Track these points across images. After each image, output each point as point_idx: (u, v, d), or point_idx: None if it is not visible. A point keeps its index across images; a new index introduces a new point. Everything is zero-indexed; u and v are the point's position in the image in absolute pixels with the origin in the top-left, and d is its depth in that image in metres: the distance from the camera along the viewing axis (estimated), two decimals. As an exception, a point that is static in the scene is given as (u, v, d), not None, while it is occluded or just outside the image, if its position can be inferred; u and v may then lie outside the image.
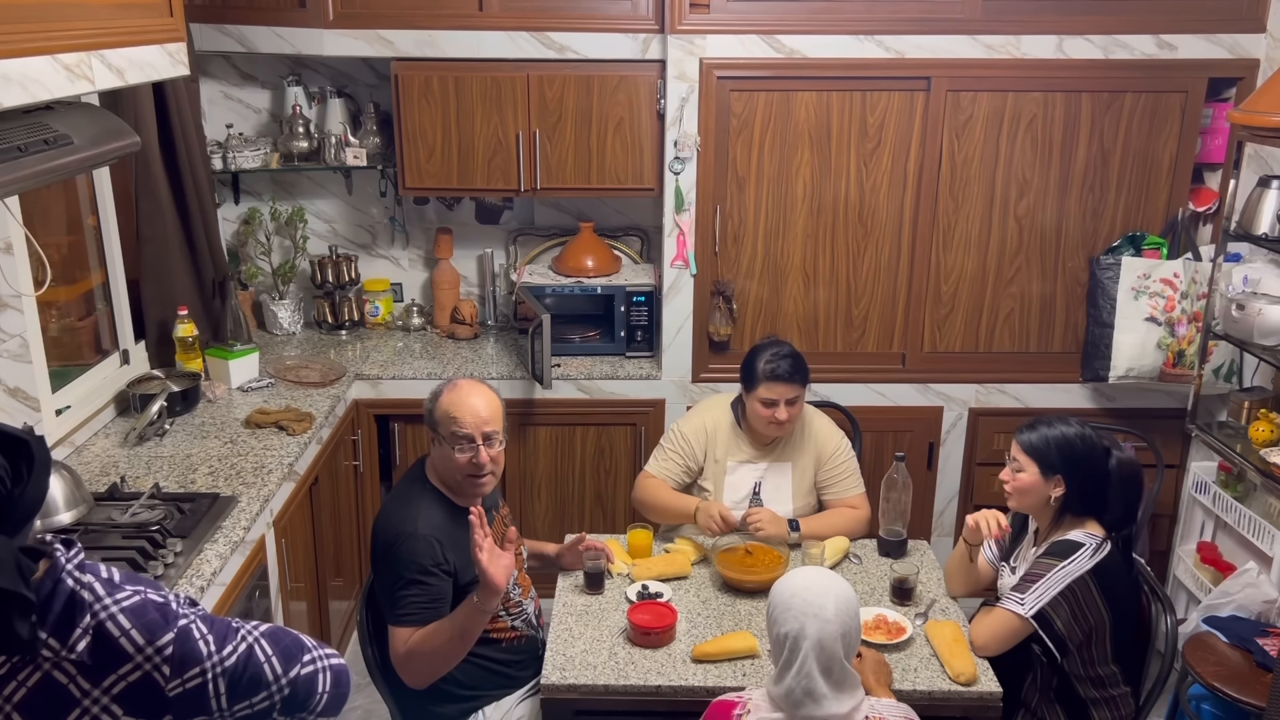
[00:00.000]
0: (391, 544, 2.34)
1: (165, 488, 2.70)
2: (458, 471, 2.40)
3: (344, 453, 3.55)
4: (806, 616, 1.90)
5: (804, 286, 3.63)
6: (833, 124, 3.45)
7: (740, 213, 3.54)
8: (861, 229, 3.56)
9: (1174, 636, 2.48)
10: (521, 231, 4.14)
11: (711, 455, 3.00)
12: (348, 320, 4.07)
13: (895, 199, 3.53)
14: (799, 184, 3.51)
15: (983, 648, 2.39)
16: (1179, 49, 3.38)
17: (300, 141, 3.82)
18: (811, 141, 3.47)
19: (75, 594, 1.33)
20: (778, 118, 3.44)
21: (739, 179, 3.51)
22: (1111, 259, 3.47)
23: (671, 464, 3.02)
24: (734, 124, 3.45)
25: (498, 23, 3.47)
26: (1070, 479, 2.42)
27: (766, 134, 3.46)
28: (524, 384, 3.64)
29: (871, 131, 3.46)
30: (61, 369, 3.02)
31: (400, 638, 2.33)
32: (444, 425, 2.40)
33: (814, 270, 3.60)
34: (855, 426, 3.63)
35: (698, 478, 3.03)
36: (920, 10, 3.35)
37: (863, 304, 3.65)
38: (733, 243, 3.58)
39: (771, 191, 3.52)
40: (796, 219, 3.55)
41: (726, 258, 3.59)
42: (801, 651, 1.89)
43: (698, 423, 3.03)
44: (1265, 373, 3.41)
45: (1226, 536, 3.44)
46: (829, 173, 3.50)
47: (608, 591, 2.67)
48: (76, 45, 2.08)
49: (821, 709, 1.89)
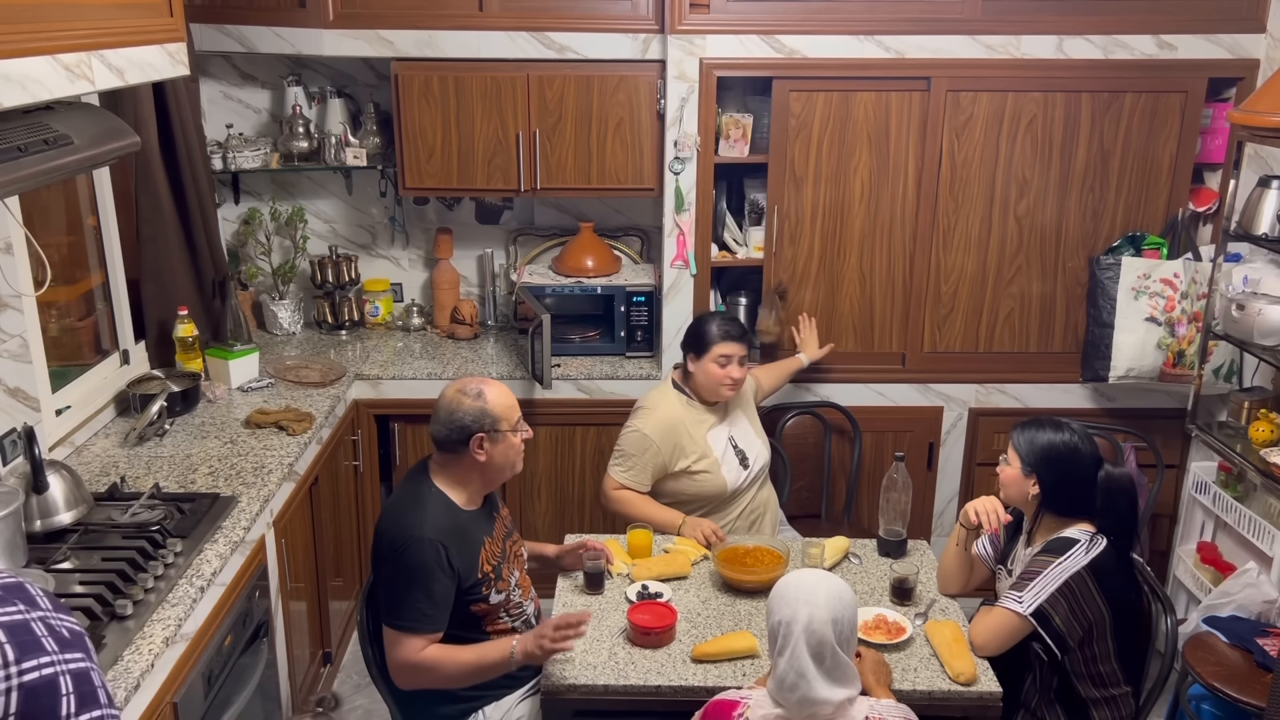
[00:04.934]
0: (397, 547, 2.33)
1: (165, 488, 2.70)
2: (517, 457, 2.49)
3: (344, 453, 3.55)
4: (798, 603, 1.93)
5: (859, 287, 3.63)
6: (891, 123, 3.46)
7: (797, 213, 3.54)
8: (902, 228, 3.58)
9: (1174, 636, 2.48)
10: (521, 231, 4.14)
11: (684, 442, 3.03)
12: (348, 320, 4.07)
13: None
14: (857, 183, 3.52)
15: (982, 647, 2.39)
16: (1179, 49, 3.38)
17: (300, 141, 3.82)
18: (870, 141, 3.47)
19: None
20: (836, 118, 3.44)
21: (796, 179, 3.50)
22: (1111, 259, 3.47)
23: (643, 472, 3.04)
24: (792, 124, 3.44)
25: (498, 23, 3.47)
26: (1044, 481, 2.45)
27: (825, 134, 3.46)
28: (524, 384, 3.64)
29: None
30: (61, 369, 3.02)
31: (410, 648, 2.33)
32: (506, 419, 2.44)
33: (870, 270, 3.61)
34: (855, 426, 3.64)
35: (666, 472, 3.05)
36: (920, 10, 3.35)
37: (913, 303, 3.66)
38: (789, 243, 3.57)
39: (829, 191, 3.52)
40: (854, 219, 3.55)
41: (782, 258, 3.59)
42: (793, 636, 1.92)
43: (660, 423, 3.04)
44: (1265, 373, 3.41)
45: (1226, 536, 3.44)
46: (887, 173, 3.51)
47: (608, 591, 2.67)
48: (76, 45, 2.08)
49: (813, 692, 1.90)
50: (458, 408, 2.41)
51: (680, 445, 3.04)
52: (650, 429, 3.03)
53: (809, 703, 1.91)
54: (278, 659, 2.82)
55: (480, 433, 2.40)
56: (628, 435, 3.07)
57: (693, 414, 3.07)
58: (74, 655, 1.26)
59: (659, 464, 3.03)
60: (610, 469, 3.08)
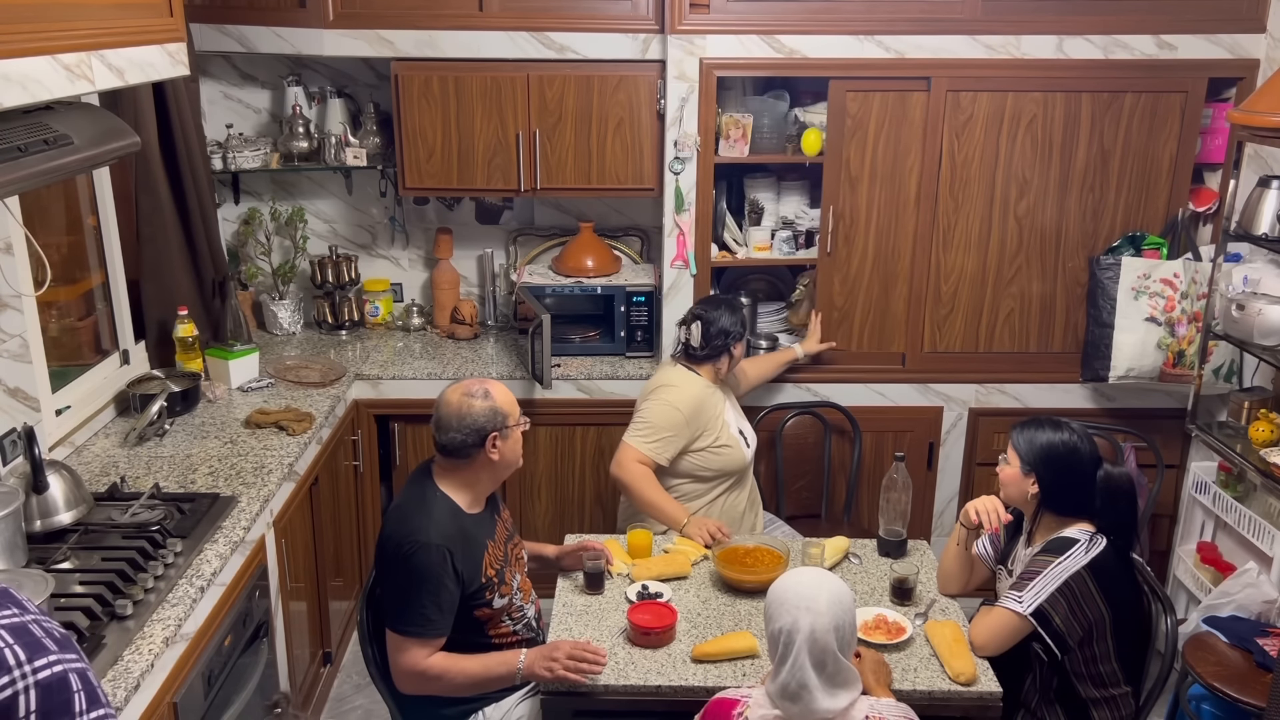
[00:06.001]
0: (404, 552, 2.33)
1: (165, 488, 2.70)
2: (520, 450, 2.53)
3: (344, 453, 3.55)
4: (799, 610, 1.92)
5: (909, 286, 3.63)
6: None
7: (852, 213, 3.54)
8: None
9: (1174, 636, 2.48)
10: (521, 231, 4.14)
11: (710, 418, 3.08)
12: (348, 320, 4.07)
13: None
14: (912, 183, 3.52)
15: (982, 647, 2.39)
16: (1179, 49, 3.38)
17: (300, 141, 3.82)
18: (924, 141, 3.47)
19: None
20: (893, 118, 3.44)
21: (852, 179, 3.50)
22: (1111, 259, 3.47)
23: (670, 445, 3.03)
24: (848, 124, 3.44)
25: (498, 23, 3.47)
26: (1043, 480, 2.45)
27: (881, 134, 3.46)
28: (524, 384, 3.64)
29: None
30: (61, 369, 3.02)
31: (416, 654, 2.33)
32: (512, 414, 2.46)
33: (924, 269, 3.61)
34: (855, 426, 3.64)
35: (686, 449, 3.08)
36: (920, 10, 3.35)
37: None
38: (844, 243, 3.57)
39: (884, 191, 3.52)
40: (909, 218, 3.55)
41: (837, 258, 3.59)
42: (795, 645, 1.90)
43: (691, 399, 3.06)
44: (1265, 373, 3.41)
45: (1226, 536, 3.44)
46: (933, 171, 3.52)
47: (608, 591, 2.67)
48: (76, 45, 2.08)
49: (816, 703, 1.89)
50: (469, 411, 2.39)
51: (706, 421, 3.07)
52: (682, 404, 3.04)
53: (811, 714, 1.90)
54: (278, 659, 2.82)
55: (494, 432, 2.41)
56: (658, 408, 3.03)
57: (710, 393, 3.12)
58: (71, 656, 1.27)
59: (686, 439, 3.04)
60: (631, 440, 3.02)
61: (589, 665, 2.29)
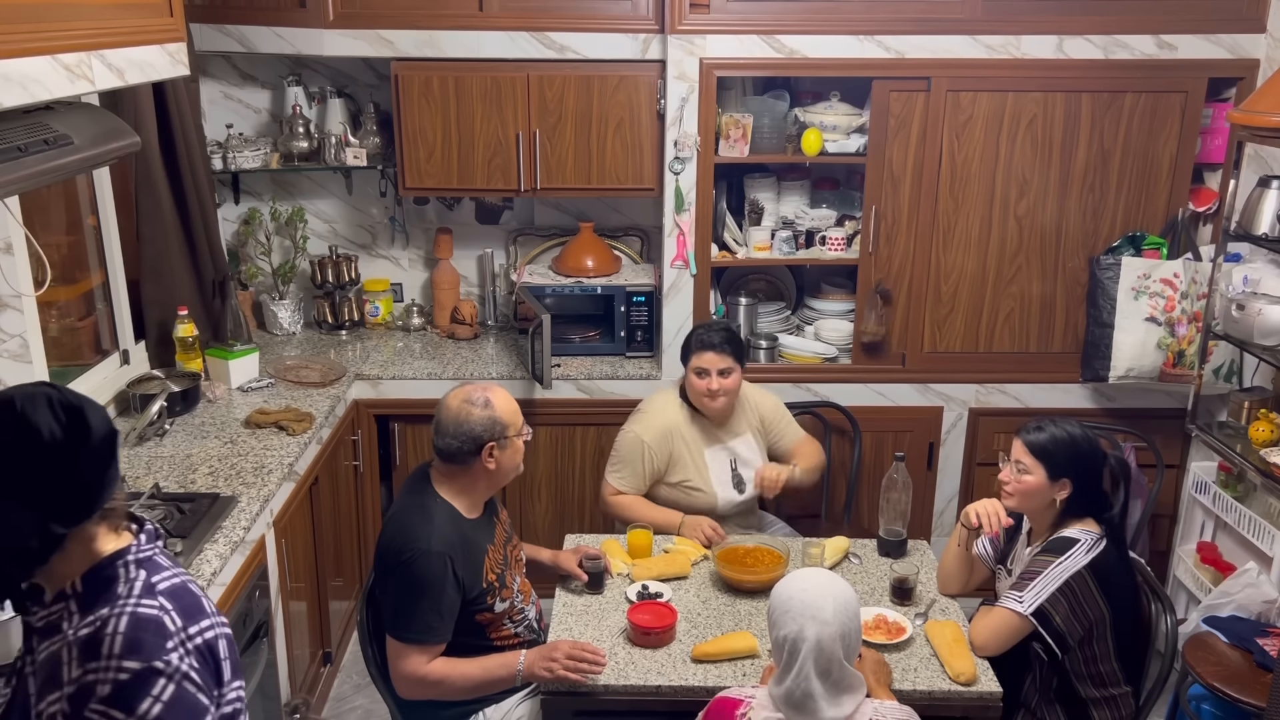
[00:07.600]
0: (405, 559, 2.32)
1: (165, 488, 2.70)
2: (520, 459, 2.51)
3: (344, 453, 3.55)
4: (805, 618, 1.90)
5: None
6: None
7: (894, 213, 3.54)
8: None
9: (1174, 636, 2.48)
10: (521, 231, 4.14)
11: (681, 453, 3.04)
12: (348, 320, 4.07)
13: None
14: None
15: (983, 647, 2.39)
16: (1179, 49, 3.38)
17: (300, 141, 3.82)
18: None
19: (115, 583, 1.31)
20: (933, 118, 3.44)
21: (894, 179, 3.50)
22: (1111, 259, 3.47)
23: (637, 477, 3.04)
24: (891, 124, 3.44)
25: (498, 23, 3.47)
26: (1077, 480, 2.42)
27: (925, 134, 3.46)
28: (524, 384, 3.64)
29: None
30: (61, 369, 3.02)
31: (416, 661, 2.33)
32: (513, 425, 2.44)
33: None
34: (855, 426, 3.64)
35: (660, 479, 3.05)
36: (920, 10, 3.35)
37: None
38: (885, 243, 3.57)
39: (928, 191, 3.51)
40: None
41: (880, 258, 3.58)
42: (800, 654, 1.89)
43: (657, 429, 3.04)
44: (1265, 373, 3.41)
45: (1226, 536, 3.44)
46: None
47: (608, 591, 2.67)
48: (76, 45, 2.08)
49: (821, 713, 1.89)
50: (467, 419, 2.38)
51: (675, 456, 3.04)
52: (646, 434, 3.03)
53: None
54: (278, 659, 2.81)
55: (491, 441, 2.39)
56: (623, 438, 3.08)
57: (695, 430, 3.07)
58: (221, 619, 1.47)
59: (653, 469, 3.04)
60: (607, 475, 3.09)
61: (588, 665, 2.29)
